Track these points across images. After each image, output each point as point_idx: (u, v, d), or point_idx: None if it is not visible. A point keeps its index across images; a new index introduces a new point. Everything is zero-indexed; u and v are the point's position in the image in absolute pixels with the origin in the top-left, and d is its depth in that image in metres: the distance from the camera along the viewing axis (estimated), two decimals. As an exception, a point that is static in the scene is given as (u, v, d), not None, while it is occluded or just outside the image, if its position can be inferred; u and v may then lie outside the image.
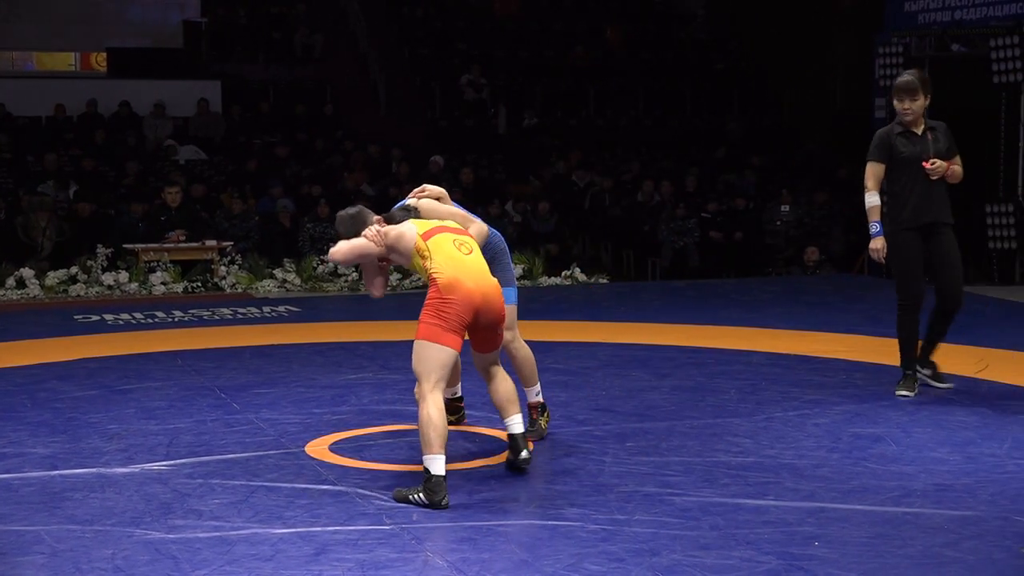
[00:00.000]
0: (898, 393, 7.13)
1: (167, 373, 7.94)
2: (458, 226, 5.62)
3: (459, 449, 6.00)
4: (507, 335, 6.03)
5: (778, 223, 15.65)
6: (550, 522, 4.85)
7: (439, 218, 5.72)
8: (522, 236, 14.96)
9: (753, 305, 10.86)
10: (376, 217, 5.83)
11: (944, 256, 7.06)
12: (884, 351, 8.46)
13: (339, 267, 12.91)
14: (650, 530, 4.74)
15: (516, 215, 15.76)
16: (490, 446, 6.05)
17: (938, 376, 7.35)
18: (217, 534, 4.74)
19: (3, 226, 13.91)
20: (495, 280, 5.48)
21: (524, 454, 5.45)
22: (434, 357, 5.19)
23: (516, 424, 5.47)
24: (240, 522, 4.89)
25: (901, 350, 7.21)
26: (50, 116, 18.46)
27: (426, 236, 5.48)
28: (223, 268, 12.71)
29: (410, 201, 5.92)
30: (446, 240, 5.45)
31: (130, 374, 7.91)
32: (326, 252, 12.85)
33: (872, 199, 7.07)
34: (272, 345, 8.98)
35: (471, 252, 5.45)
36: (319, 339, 9.29)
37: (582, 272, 13.32)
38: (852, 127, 18.86)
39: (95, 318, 10.39)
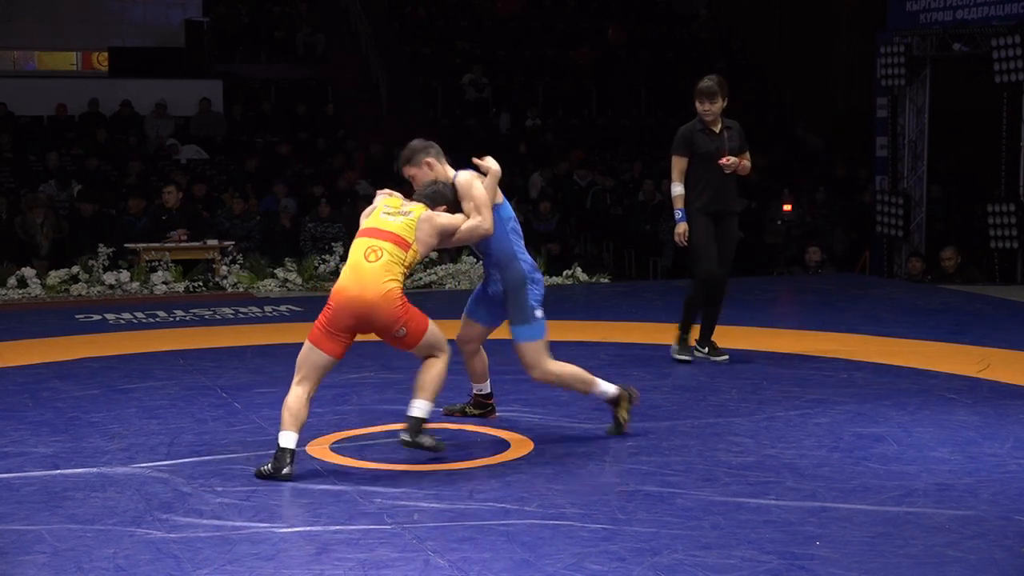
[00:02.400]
0: (678, 357, 8.05)
1: (169, 372, 7.94)
2: (394, 229, 5.63)
3: (460, 449, 6.00)
4: (535, 374, 6.08)
5: (779, 223, 15.64)
6: (551, 521, 4.85)
7: (467, 199, 5.86)
8: (523, 235, 14.95)
9: (754, 304, 10.86)
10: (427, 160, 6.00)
11: (727, 237, 8.01)
12: (886, 351, 8.46)
13: (339, 267, 12.91)
14: (651, 529, 4.74)
15: (518, 215, 15.75)
16: (491, 446, 6.05)
17: (715, 352, 8.16)
18: (218, 533, 4.74)
19: (4, 226, 13.93)
20: (389, 289, 5.51)
21: (402, 435, 5.61)
22: (308, 357, 5.61)
23: (413, 407, 5.62)
24: (241, 521, 4.89)
25: (684, 318, 8.10)
26: (52, 115, 18.48)
27: (360, 232, 5.73)
28: (224, 268, 12.71)
29: (459, 177, 5.92)
30: (361, 245, 5.64)
31: (131, 373, 7.91)
32: (327, 251, 13.03)
33: (676, 189, 7.95)
34: (274, 345, 8.98)
35: (378, 260, 5.57)
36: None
37: (584, 271, 13.31)
38: (854, 126, 18.89)
39: (96, 317, 10.39)
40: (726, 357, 8.15)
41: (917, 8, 14.65)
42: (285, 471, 5.39)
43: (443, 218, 5.80)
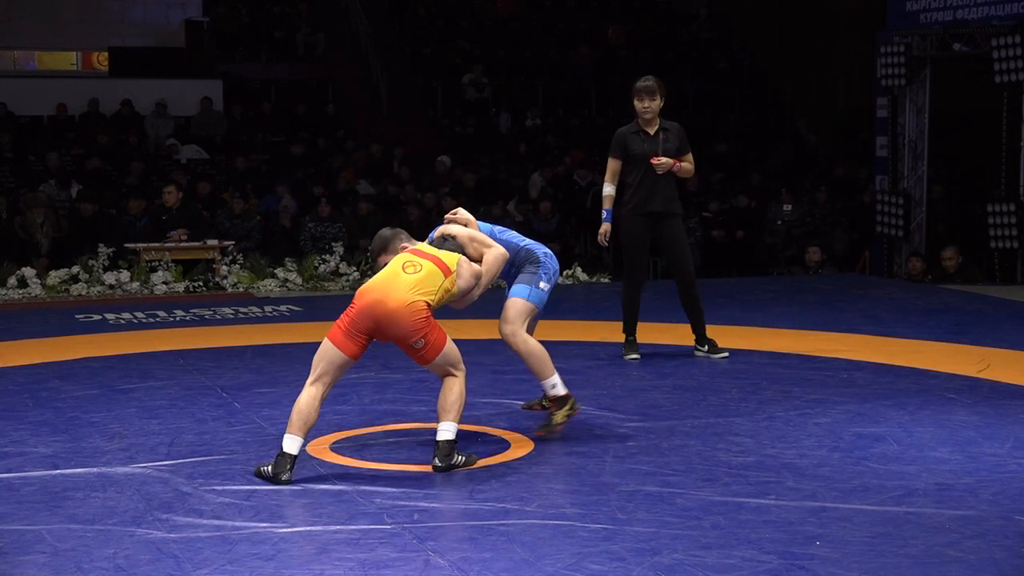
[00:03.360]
0: (627, 358, 8.16)
1: (169, 372, 7.94)
2: (438, 254, 5.74)
3: (461, 449, 5.99)
4: (506, 328, 6.15)
5: (779, 222, 15.64)
6: (551, 521, 4.85)
7: (465, 244, 5.95)
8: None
9: (755, 304, 10.86)
10: (403, 245, 5.92)
11: (672, 239, 8.09)
12: (886, 350, 8.46)
13: (340, 267, 12.92)
14: (651, 529, 4.74)
15: (518, 215, 15.75)
16: (491, 446, 6.05)
17: (715, 350, 8.23)
18: (218, 533, 4.74)
19: (4, 226, 13.93)
20: (415, 301, 5.51)
21: (436, 461, 5.56)
22: (325, 354, 5.62)
23: (440, 431, 5.59)
24: (241, 521, 4.89)
25: (624, 318, 8.28)
26: (52, 115, 18.48)
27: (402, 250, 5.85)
28: (224, 267, 12.71)
29: (449, 229, 6.01)
30: (400, 259, 5.72)
31: (132, 373, 7.91)
32: (327, 251, 13.05)
33: (606, 190, 8.10)
34: (274, 345, 8.98)
35: (415, 273, 5.61)
36: (320, 339, 9.25)
37: (584, 271, 13.32)
38: (854, 126, 18.88)
39: (96, 317, 10.39)
40: (726, 354, 8.18)
41: (917, 8, 14.65)
42: (284, 477, 5.38)
43: (476, 267, 5.92)
